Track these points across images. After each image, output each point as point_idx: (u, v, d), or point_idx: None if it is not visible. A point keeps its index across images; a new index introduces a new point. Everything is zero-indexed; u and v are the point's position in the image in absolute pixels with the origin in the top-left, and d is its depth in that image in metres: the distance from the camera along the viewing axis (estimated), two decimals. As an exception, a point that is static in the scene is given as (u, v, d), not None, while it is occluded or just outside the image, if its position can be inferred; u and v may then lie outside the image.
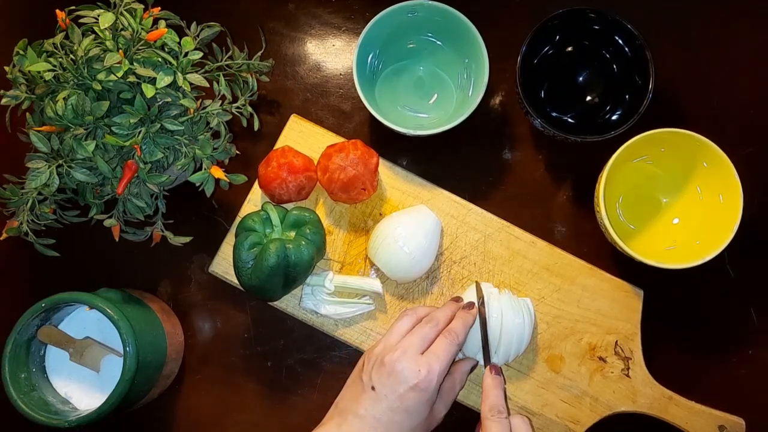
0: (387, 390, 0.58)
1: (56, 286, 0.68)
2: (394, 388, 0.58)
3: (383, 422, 0.58)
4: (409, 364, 0.58)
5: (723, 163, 0.67)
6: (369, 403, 0.58)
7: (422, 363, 0.59)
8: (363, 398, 0.59)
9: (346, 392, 0.62)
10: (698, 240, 0.71)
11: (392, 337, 0.62)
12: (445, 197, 0.75)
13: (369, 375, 0.60)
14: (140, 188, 0.67)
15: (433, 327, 0.62)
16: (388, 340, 0.62)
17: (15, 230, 0.64)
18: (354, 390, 0.61)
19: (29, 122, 0.65)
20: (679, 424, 0.70)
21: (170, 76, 0.62)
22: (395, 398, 0.58)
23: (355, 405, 0.59)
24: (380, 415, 0.58)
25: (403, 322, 0.64)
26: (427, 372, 0.58)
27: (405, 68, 0.78)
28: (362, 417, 0.58)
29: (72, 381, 0.69)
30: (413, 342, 0.61)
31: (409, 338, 0.61)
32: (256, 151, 0.78)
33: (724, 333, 0.74)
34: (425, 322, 0.63)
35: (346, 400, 0.61)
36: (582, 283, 0.73)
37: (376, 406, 0.58)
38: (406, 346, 0.60)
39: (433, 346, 0.61)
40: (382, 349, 0.61)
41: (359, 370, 0.62)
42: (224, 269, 0.73)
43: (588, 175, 0.74)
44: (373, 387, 0.59)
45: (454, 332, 0.62)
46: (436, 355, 0.60)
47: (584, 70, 0.77)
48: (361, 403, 0.59)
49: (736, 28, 0.79)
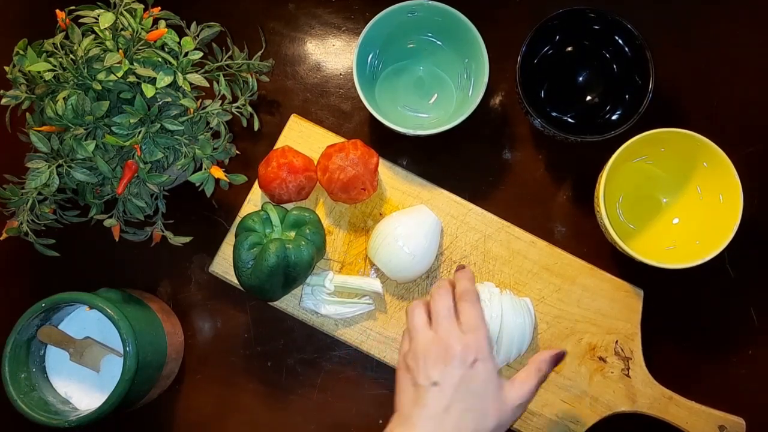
0: (452, 378, 0.57)
1: (56, 286, 0.68)
2: (457, 373, 0.57)
3: (455, 412, 0.56)
4: (459, 343, 0.58)
5: (723, 163, 0.67)
6: (434, 401, 0.57)
7: (467, 338, 0.58)
8: (426, 399, 0.57)
9: (404, 399, 0.59)
10: (698, 240, 0.71)
11: (419, 333, 0.61)
12: (445, 197, 0.75)
13: (426, 374, 0.58)
14: (140, 188, 0.67)
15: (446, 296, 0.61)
16: (420, 337, 0.60)
17: (15, 230, 0.64)
18: (412, 396, 0.58)
19: (29, 122, 0.65)
20: (679, 424, 0.70)
21: (170, 76, 0.62)
22: (461, 383, 0.57)
23: (418, 407, 0.57)
24: (449, 407, 0.56)
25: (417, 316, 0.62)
26: (476, 343, 0.58)
27: (405, 68, 0.78)
28: (430, 416, 0.56)
29: (72, 381, 0.69)
30: (448, 325, 0.60)
31: (436, 316, 0.60)
32: (256, 151, 0.78)
33: (724, 333, 0.74)
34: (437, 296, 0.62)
35: (409, 407, 0.58)
36: (582, 283, 0.73)
37: (442, 399, 0.56)
38: (444, 330, 0.59)
39: (464, 318, 0.60)
40: (423, 346, 0.59)
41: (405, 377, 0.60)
42: (224, 269, 0.73)
43: (588, 175, 0.74)
44: (435, 383, 0.57)
45: (467, 291, 0.62)
46: (474, 325, 0.59)
47: (584, 70, 0.77)
48: (425, 403, 0.57)
49: (736, 28, 0.79)
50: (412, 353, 0.60)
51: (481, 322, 0.59)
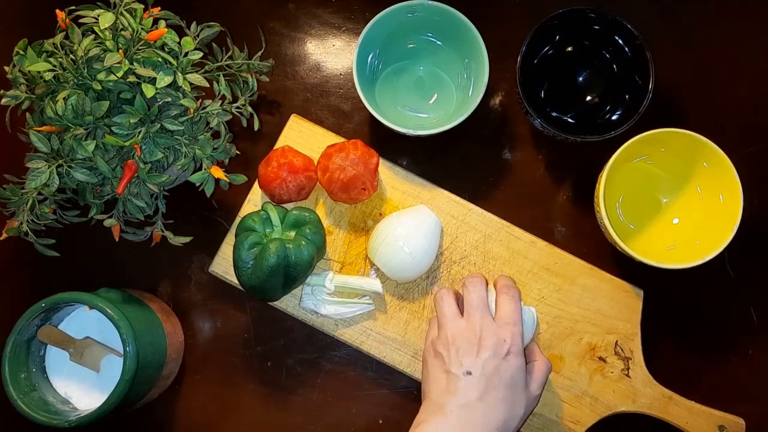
0: (484, 369, 0.58)
1: (56, 286, 0.68)
2: (489, 365, 0.58)
3: (490, 401, 0.57)
4: (493, 338, 0.59)
5: (723, 163, 0.67)
6: (467, 390, 0.57)
7: (504, 332, 0.60)
8: (460, 387, 0.57)
9: (434, 387, 0.60)
10: (698, 240, 0.71)
11: (452, 321, 0.62)
12: (445, 197, 0.75)
13: (459, 363, 0.59)
14: (140, 188, 0.67)
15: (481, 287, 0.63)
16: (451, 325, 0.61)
17: (15, 230, 0.64)
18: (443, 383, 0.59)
19: (29, 122, 0.65)
20: (679, 424, 0.70)
21: (170, 76, 0.62)
22: (493, 374, 0.58)
23: (451, 396, 0.57)
24: (484, 395, 0.57)
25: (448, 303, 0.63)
26: (511, 337, 0.59)
27: (405, 68, 0.78)
28: (465, 405, 0.56)
29: (72, 381, 0.69)
30: (483, 315, 0.61)
31: (471, 308, 0.61)
32: (256, 151, 0.78)
33: (724, 333, 0.74)
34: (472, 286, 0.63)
35: (439, 394, 0.58)
36: (582, 283, 0.73)
37: (476, 388, 0.57)
38: (477, 318, 0.60)
39: (502, 311, 0.62)
40: (453, 334, 0.60)
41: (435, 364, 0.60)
42: (224, 269, 0.73)
43: (588, 175, 0.74)
44: (468, 372, 0.58)
45: (509, 286, 0.64)
46: (512, 319, 0.61)
47: (584, 70, 0.77)
48: (459, 392, 0.57)
49: (736, 28, 0.79)
50: (442, 341, 0.61)
51: (518, 318, 0.61)
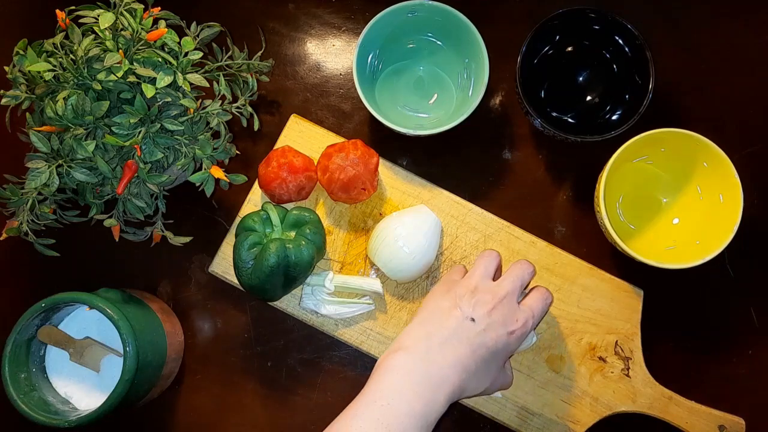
0: (487, 326, 0.58)
1: (56, 286, 0.68)
2: (494, 327, 0.58)
3: (476, 355, 0.57)
4: (510, 310, 0.60)
5: (723, 163, 0.67)
6: (466, 333, 0.57)
7: (521, 314, 0.60)
8: (460, 327, 0.58)
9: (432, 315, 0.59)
10: (698, 240, 0.71)
11: (483, 277, 0.62)
12: (445, 197, 0.75)
13: (470, 306, 0.59)
14: (140, 188, 0.67)
15: (530, 271, 0.64)
16: (480, 278, 0.62)
17: (15, 230, 0.64)
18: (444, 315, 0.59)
19: (29, 122, 0.65)
20: (679, 424, 0.70)
21: (170, 76, 0.62)
22: (493, 337, 0.58)
23: (447, 331, 0.57)
24: (476, 347, 0.57)
25: (488, 262, 0.63)
26: (523, 323, 0.60)
27: (405, 68, 0.78)
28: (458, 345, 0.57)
29: (72, 381, 0.69)
30: (514, 287, 0.61)
31: (510, 279, 0.62)
32: (256, 151, 0.78)
33: (724, 333, 0.74)
34: (522, 264, 0.64)
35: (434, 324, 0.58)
36: (582, 283, 0.73)
37: (474, 337, 0.57)
38: (509, 288, 0.61)
39: (530, 301, 0.62)
40: (477, 285, 0.61)
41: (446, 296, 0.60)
42: (224, 269, 0.73)
43: (588, 175, 0.74)
44: (473, 318, 0.58)
45: (548, 292, 0.64)
46: (533, 312, 0.61)
47: (584, 70, 0.77)
48: (456, 331, 0.57)
49: (736, 28, 0.79)
50: (463, 285, 0.61)
51: (539, 317, 0.62)
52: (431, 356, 0.56)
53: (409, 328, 0.59)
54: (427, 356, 0.56)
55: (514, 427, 0.70)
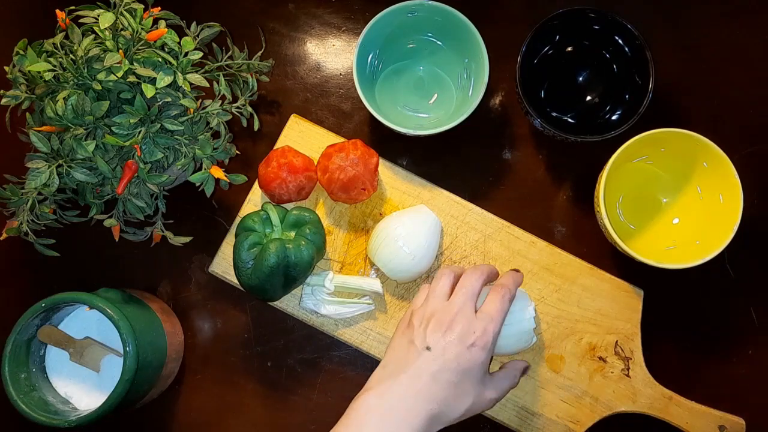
0: (444, 350, 0.58)
1: (56, 286, 0.68)
2: (451, 348, 0.58)
3: (440, 381, 0.57)
4: (464, 325, 0.59)
5: (723, 163, 0.67)
6: (424, 364, 0.58)
7: (478, 324, 0.59)
8: (417, 360, 0.58)
9: (393, 355, 0.60)
10: (698, 240, 0.71)
11: (437, 299, 0.62)
12: (445, 197, 0.75)
13: (423, 337, 0.59)
14: (140, 188, 0.67)
15: (480, 275, 0.62)
16: (434, 302, 0.61)
17: (15, 230, 0.64)
18: (403, 353, 0.60)
19: (29, 122, 0.65)
20: (679, 424, 0.70)
21: (170, 76, 0.62)
22: (452, 358, 0.58)
23: (406, 366, 0.58)
24: (436, 373, 0.57)
25: (442, 282, 0.63)
26: (483, 332, 0.59)
27: (405, 68, 0.78)
28: (416, 377, 0.57)
29: (72, 381, 0.69)
30: (465, 299, 0.61)
31: (460, 294, 0.61)
32: (256, 151, 0.78)
33: (724, 333, 0.74)
34: (472, 270, 0.63)
35: (395, 365, 0.59)
36: (582, 283, 0.73)
37: (432, 365, 0.57)
38: (460, 303, 0.60)
39: (486, 306, 0.61)
40: (432, 310, 0.61)
41: (405, 333, 0.61)
42: (224, 269, 0.73)
43: (588, 175, 0.74)
44: (428, 347, 0.58)
45: (506, 287, 0.62)
46: (491, 316, 0.60)
47: (584, 70, 0.77)
48: (414, 364, 0.58)
49: (736, 28, 0.79)
50: (419, 314, 0.61)
51: (499, 318, 0.60)
52: (394, 392, 0.57)
53: (375, 370, 0.61)
54: (390, 393, 0.57)
55: (514, 427, 0.70)
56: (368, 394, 0.57)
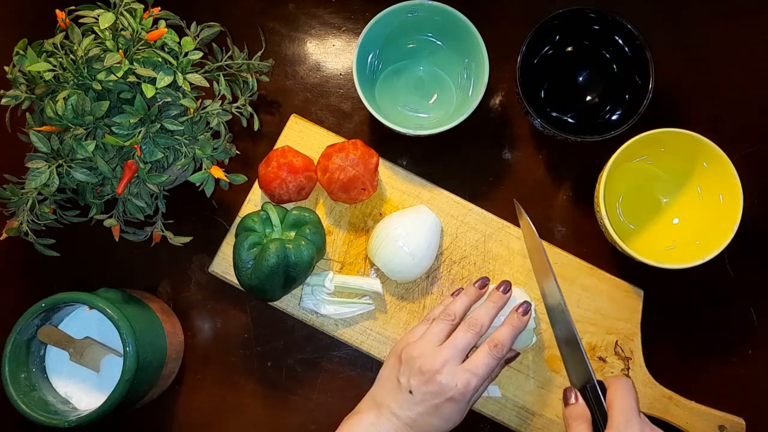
0: (424, 397, 0.60)
1: (56, 286, 0.68)
2: (431, 398, 0.59)
3: (418, 423, 0.60)
4: (448, 378, 0.59)
5: (723, 163, 0.67)
6: (405, 404, 0.60)
7: (460, 377, 0.59)
8: (400, 398, 0.61)
9: (382, 387, 0.63)
10: (698, 240, 0.71)
11: (429, 342, 0.62)
12: (445, 197, 0.75)
13: (407, 379, 0.61)
14: (140, 188, 0.67)
15: (475, 334, 0.62)
16: (425, 344, 0.62)
17: (15, 230, 0.64)
18: (390, 387, 0.62)
19: (29, 122, 0.65)
20: (679, 424, 0.70)
21: (170, 76, 0.62)
22: (432, 406, 0.59)
23: (391, 402, 0.61)
24: (415, 416, 0.60)
25: (440, 327, 0.63)
26: (464, 388, 0.59)
27: (405, 68, 0.78)
28: (398, 415, 0.60)
29: (72, 381, 0.69)
30: (454, 353, 0.61)
31: (449, 347, 0.61)
32: (256, 151, 0.78)
33: (724, 333, 0.74)
34: (468, 327, 0.62)
35: (383, 395, 0.62)
36: (582, 283, 0.73)
37: (412, 408, 0.60)
38: (447, 356, 0.60)
39: (473, 359, 0.61)
40: (421, 353, 0.61)
41: (395, 368, 0.62)
42: (224, 269, 0.73)
43: (588, 175, 0.74)
44: (411, 391, 0.60)
45: (501, 345, 0.62)
46: (475, 372, 0.60)
47: (584, 70, 0.77)
48: (398, 401, 0.61)
49: (736, 28, 0.79)
50: (410, 350, 0.62)
51: (483, 374, 0.61)
52: (379, 422, 0.60)
53: (366, 396, 0.64)
54: (377, 422, 0.60)
55: (514, 427, 0.70)
56: (358, 417, 0.61)
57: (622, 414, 0.56)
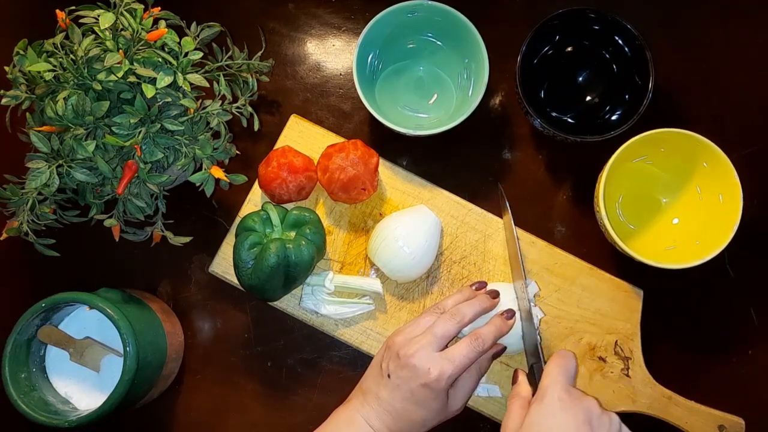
0: (400, 381, 0.60)
1: (56, 286, 0.68)
2: (406, 382, 0.60)
3: (397, 409, 0.60)
4: (421, 362, 0.59)
5: (723, 163, 0.67)
6: (384, 389, 0.61)
7: (435, 364, 0.59)
8: (380, 383, 0.62)
9: (369, 374, 0.64)
10: (698, 240, 0.71)
11: (414, 330, 0.63)
12: (445, 197, 0.75)
13: (387, 364, 0.62)
14: (140, 188, 0.67)
15: (456, 323, 0.62)
16: (410, 332, 0.63)
17: (15, 230, 0.64)
18: (374, 373, 0.63)
19: (29, 122, 0.65)
20: (679, 424, 0.70)
21: (170, 76, 0.62)
22: (407, 390, 0.60)
23: (375, 388, 0.62)
24: (394, 402, 0.60)
25: (427, 319, 0.64)
26: (438, 374, 0.59)
27: (405, 68, 0.78)
28: (381, 401, 0.61)
29: (72, 381, 0.69)
30: (431, 340, 0.61)
31: (428, 333, 0.61)
32: (256, 151, 0.78)
33: (724, 333, 0.74)
34: (450, 316, 0.63)
35: (369, 382, 0.63)
36: (582, 283, 0.73)
37: (392, 393, 0.60)
38: (424, 342, 0.61)
39: (452, 348, 0.61)
40: (401, 340, 0.62)
41: (380, 355, 0.64)
42: (224, 269, 0.73)
43: (588, 175, 0.74)
44: (389, 375, 0.61)
45: (482, 339, 0.62)
46: (452, 360, 0.60)
47: (584, 70, 0.77)
48: (378, 386, 0.62)
49: (736, 28, 0.79)
50: (397, 337, 0.63)
51: (460, 363, 0.60)
52: (363, 409, 0.61)
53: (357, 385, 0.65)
54: (361, 408, 0.62)
55: (514, 427, 0.70)
56: (346, 404, 0.63)
57: (548, 377, 0.57)
